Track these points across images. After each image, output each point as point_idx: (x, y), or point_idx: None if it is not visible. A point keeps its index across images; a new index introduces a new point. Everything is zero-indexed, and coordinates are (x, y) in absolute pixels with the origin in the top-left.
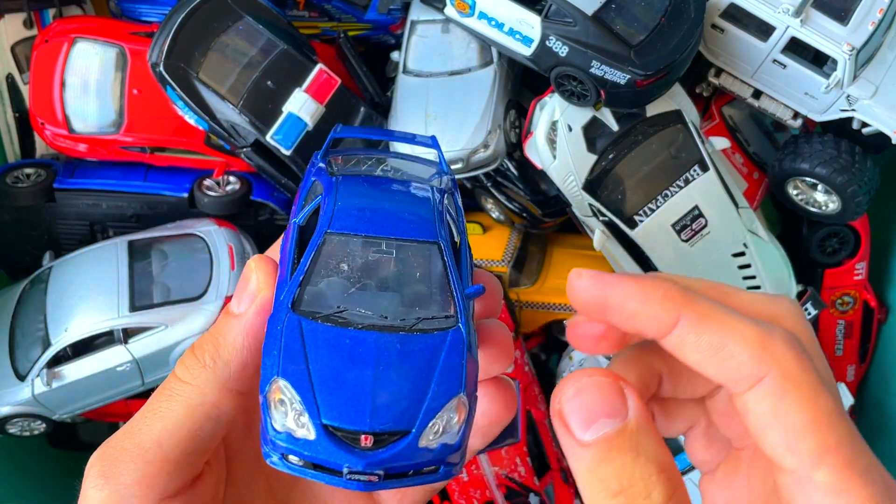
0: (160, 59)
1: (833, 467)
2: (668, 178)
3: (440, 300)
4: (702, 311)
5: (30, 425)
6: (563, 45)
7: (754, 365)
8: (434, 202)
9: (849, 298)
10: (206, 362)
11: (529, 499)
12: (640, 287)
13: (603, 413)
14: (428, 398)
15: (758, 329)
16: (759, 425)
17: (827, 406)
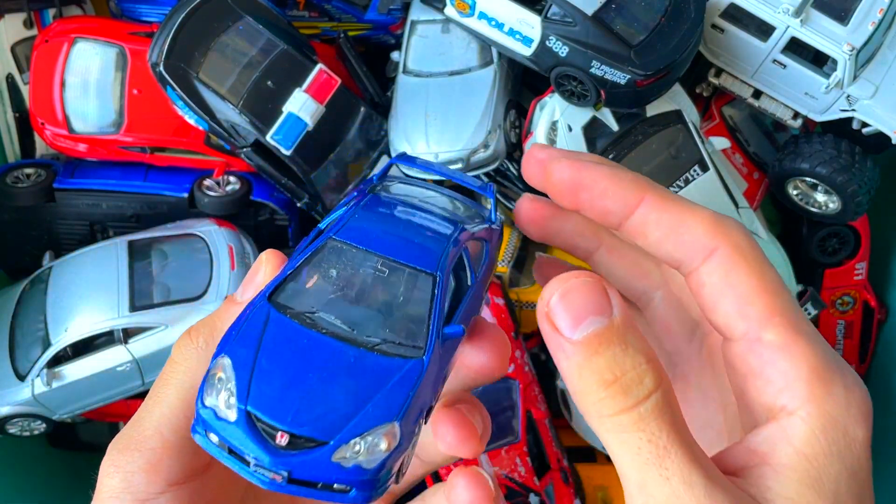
0: (160, 59)
1: (780, 328)
2: (668, 178)
3: (414, 330)
4: (663, 194)
5: (30, 425)
6: (563, 45)
7: (709, 238)
8: (452, 239)
9: (849, 298)
10: (199, 344)
11: (529, 499)
12: (612, 170)
13: (591, 311)
14: (358, 417)
15: (711, 212)
16: (712, 296)
17: (772, 276)
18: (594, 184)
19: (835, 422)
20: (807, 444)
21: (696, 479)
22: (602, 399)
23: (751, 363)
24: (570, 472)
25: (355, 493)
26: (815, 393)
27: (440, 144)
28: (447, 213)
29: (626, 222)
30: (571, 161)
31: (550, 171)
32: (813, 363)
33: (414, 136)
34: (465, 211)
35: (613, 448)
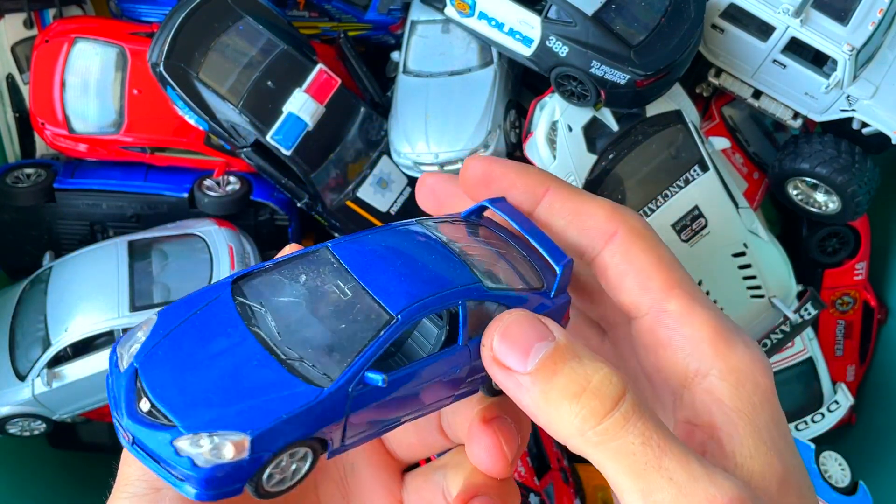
0: (160, 59)
1: (680, 298)
2: (668, 178)
3: (338, 360)
4: (566, 186)
5: (30, 425)
6: (563, 45)
7: (608, 222)
8: (453, 292)
9: (849, 298)
10: None
11: (529, 499)
12: (520, 165)
13: (534, 338)
14: (220, 414)
15: (609, 201)
16: (615, 276)
17: (668, 254)
18: (503, 176)
19: (745, 374)
20: (736, 400)
21: (697, 471)
22: (578, 413)
23: (658, 335)
24: (570, 472)
25: (186, 485)
26: (720, 351)
27: (440, 144)
28: (486, 269)
29: (533, 212)
30: (483, 158)
31: (465, 168)
32: (713, 325)
33: (414, 137)
34: (528, 277)
35: (605, 462)
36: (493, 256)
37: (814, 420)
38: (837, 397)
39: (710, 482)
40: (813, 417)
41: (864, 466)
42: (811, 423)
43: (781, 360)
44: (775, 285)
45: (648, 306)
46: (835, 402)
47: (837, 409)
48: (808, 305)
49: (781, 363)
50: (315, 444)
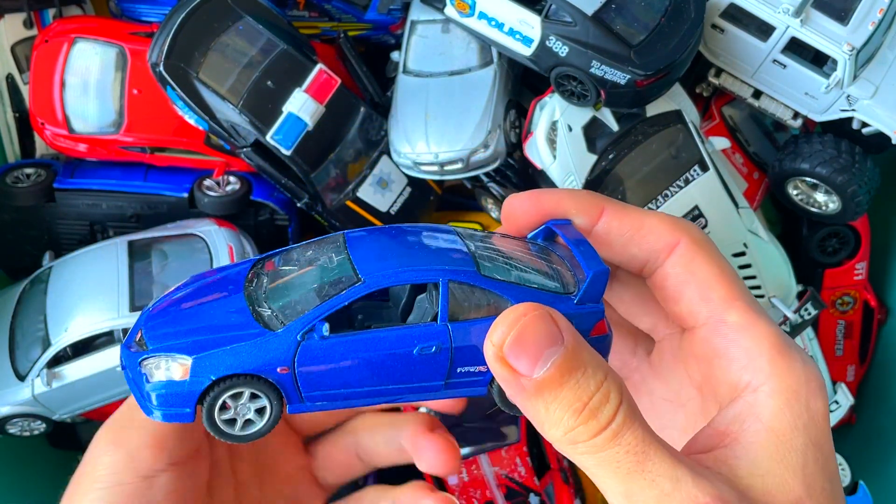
0: (160, 59)
1: (740, 310)
2: (668, 178)
3: (298, 312)
4: (621, 204)
5: (30, 425)
6: (563, 45)
7: (669, 234)
8: (434, 271)
9: (849, 298)
10: None
11: (529, 499)
12: (569, 190)
13: (546, 345)
14: (182, 343)
15: (667, 214)
16: (676, 286)
17: (728, 266)
18: (555, 204)
19: (797, 395)
20: (774, 419)
21: (682, 474)
22: (574, 429)
23: (715, 345)
24: (570, 472)
25: (147, 403)
26: (777, 368)
27: (440, 144)
28: (506, 267)
29: (589, 235)
30: (525, 193)
31: (509, 206)
32: (773, 340)
33: (414, 136)
34: (563, 283)
35: (591, 469)
36: (528, 261)
37: None
38: (837, 397)
39: (693, 484)
40: None
41: (864, 466)
42: None
43: None
44: (775, 285)
45: (707, 316)
46: (835, 402)
47: (837, 410)
48: (809, 305)
49: None
50: (266, 389)
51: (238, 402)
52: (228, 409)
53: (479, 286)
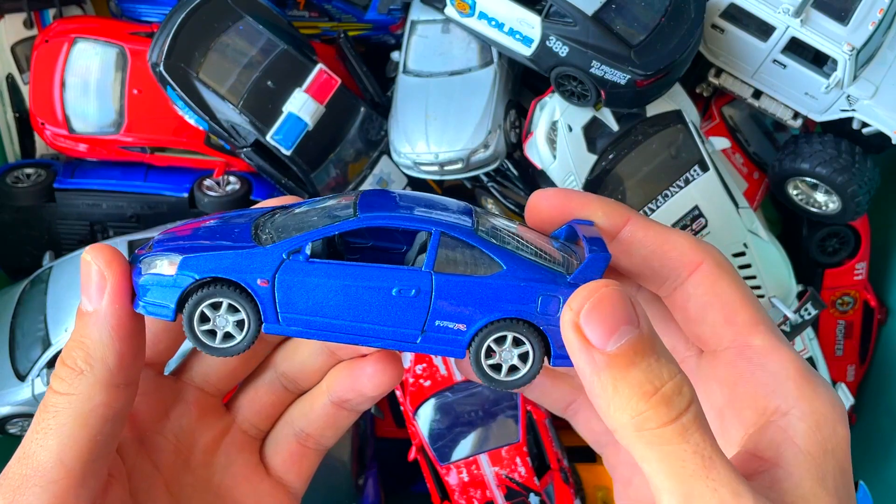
0: (160, 59)
1: (765, 334)
2: (668, 178)
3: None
4: (644, 217)
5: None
6: (563, 45)
7: (693, 252)
8: (426, 220)
9: (849, 299)
10: (81, 367)
11: (529, 499)
12: (597, 196)
13: (623, 321)
14: (178, 246)
15: (689, 234)
16: (699, 307)
17: (749, 290)
18: (582, 206)
19: (825, 419)
20: (809, 442)
21: (743, 490)
22: (643, 413)
23: (740, 368)
24: (570, 472)
25: (136, 299)
26: (805, 392)
27: (440, 144)
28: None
29: (611, 242)
30: (554, 190)
31: (535, 201)
32: (798, 365)
33: (414, 136)
34: (565, 264)
35: (652, 461)
36: (538, 245)
37: None
38: None
39: (753, 501)
40: None
41: (864, 466)
42: None
43: None
44: (775, 285)
45: (731, 340)
46: None
47: None
48: (809, 305)
49: None
50: (245, 302)
51: (217, 313)
52: (208, 321)
53: (472, 244)
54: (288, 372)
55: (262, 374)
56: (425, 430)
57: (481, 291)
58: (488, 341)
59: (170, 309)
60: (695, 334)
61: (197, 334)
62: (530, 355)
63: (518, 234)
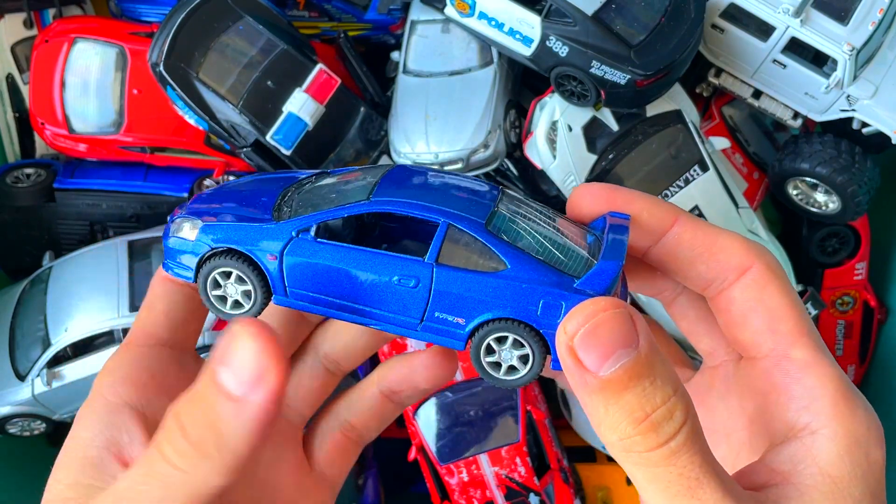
0: (160, 59)
1: (807, 347)
2: (668, 177)
3: (305, 213)
4: (695, 217)
5: (30, 425)
6: (563, 45)
7: (744, 256)
8: (442, 211)
9: (849, 298)
10: (210, 453)
11: (529, 499)
12: (645, 194)
13: (618, 344)
14: (201, 210)
15: (741, 236)
16: (742, 312)
17: (798, 299)
18: (628, 203)
19: (858, 443)
20: (832, 465)
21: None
22: (632, 437)
23: (776, 379)
24: (570, 472)
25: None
26: (841, 412)
27: (440, 144)
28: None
29: (657, 242)
30: (600, 185)
31: (579, 193)
32: (837, 383)
33: (414, 136)
34: (575, 246)
35: (640, 482)
36: (564, 240)
37: None
38: None
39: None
40: None
41: None
42: None
43: None
44: None
45: (771, 349)
46: None
47: None
48: (809, 305)
49: None
50: (253, 274)
51: (227, 281)
52: (220, 287)
53: (479, 239)
54: (330, 353)
55: (304, 357)
56: (425, 430)
57: (482, 288)
58: (489, 339)
59: (191, 272)
60: (735, 339)
61: (210, 299)
62: (530, 358)
63: (544, 224)
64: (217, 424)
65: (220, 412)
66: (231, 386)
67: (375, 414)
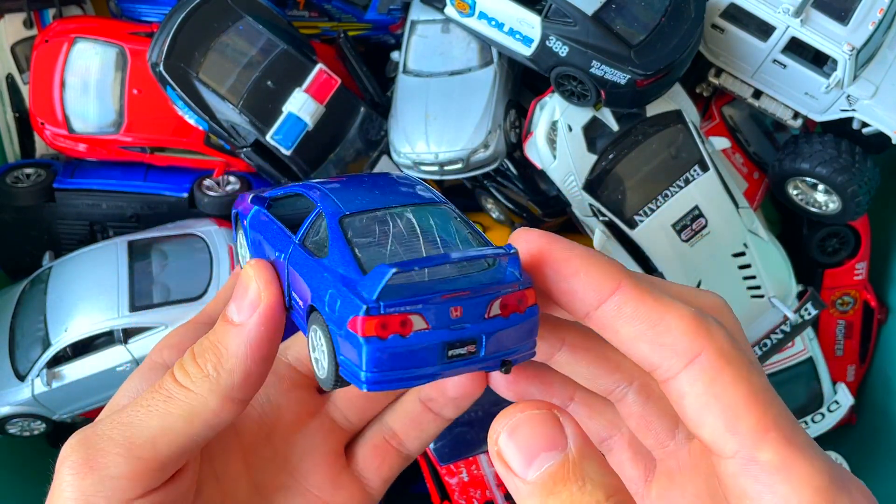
0: (160, 59)
1: (775, 444)
2: (668, 177)
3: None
4: (641, 284)
5: (30, 425)
6: (563, 45)
7: (689, 341)
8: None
9: (849, 298)
10: (209, 372)
11: None
12: (587, 250)
13: (543, 447)
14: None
15: (692, 310)
16: (695, 408)
17: (762, 384)
18: (566, 261)
19: None
20: None
21: None
22: None
23: (744, 486)
24: None
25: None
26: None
27: (440, 144)
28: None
29: (594, 311)
30: (539, 233)
31: (515, 239)
32: (815, 483)
33: (414, 136)
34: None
35: None
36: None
37: (814, 420)
38: (838, 397)
39: None
40: (813, 418)
41: (864, 466)
42: (811, 424)
43: (781, 360)
44: (775, 285)
45: (735, 451)
46: (835, 402)
47: (838, 410)
48: (809, 305)
49: (781, 363)
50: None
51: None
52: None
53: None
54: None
55: (374, 425)
56: None
57: (308, 272)
58: (310, 328)
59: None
60: (697, 436)
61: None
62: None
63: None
64: (218, 347)
65: (222, 336)
66: (233, 315)
67: (415, 423)
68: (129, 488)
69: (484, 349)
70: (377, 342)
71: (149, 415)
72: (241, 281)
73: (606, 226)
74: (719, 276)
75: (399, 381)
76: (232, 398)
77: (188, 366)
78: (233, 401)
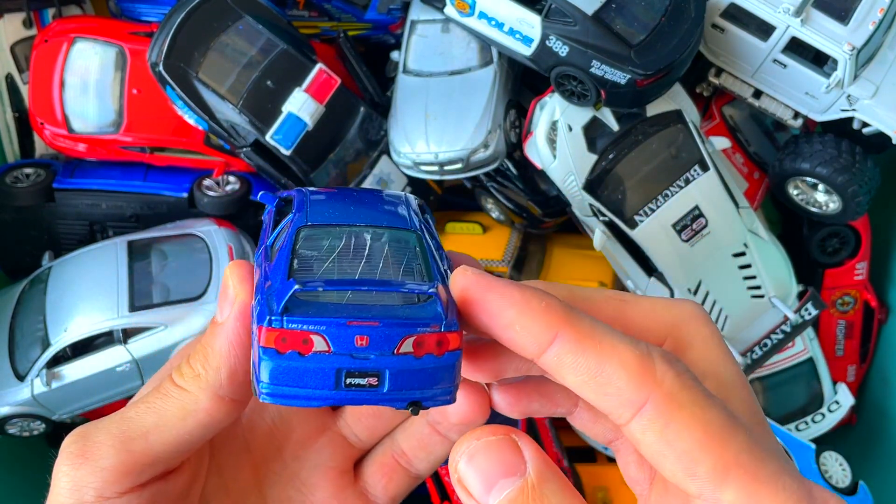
0: (160, 58)
1: (738, 482)
2: (668, 177)
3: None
4: (581, 330)
5: (29, 425)
6: (563, 45)
7: (633, 390)
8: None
9: (849, 298)
10: (199, 371)
11: None
12: (523, 296)
13: (501, 473)
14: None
15: (635, 351)
16: (651, 454)
17: (717, 420)
18: (500, 313)
19: None
20: None
21: None
22: None
23: None
24: (570, 472)
25: None
26: None
27: (440, 144)
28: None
29: (538, 360)
30: (478, 279)
31: (454, 277)
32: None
33: (414, 136)
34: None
35: None
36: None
37: (814, 420)
38: (838, 397)
39: None
40: (813, 418)
41: (864, 466)
42: (811, 424)
43: (782, 361)
44: (776, 285)
45: (699, 493)
46: (835, 402)
47: (838, 410)
48: (809, 305)
49: (782, 363)
50: None
51: None
52: None
53: (286, 236)
54: (403, 447)
55: (383, 444)
56: None
57: (261, 274)
58: None
59: None
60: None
61: None
62: None
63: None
64: (206, 346)
65: (209, 336)
66: (217, 315)
67: (423, 444)
68: (119, 481)
69: (387, 385)
70: (275, 354)
71: (146, 411)
72: (223, 281)
73: (606, 226)
74: (719, 276)
75: (294, 398)
76: (221, 396)
77: (183, 366)
78: (222, 399)
